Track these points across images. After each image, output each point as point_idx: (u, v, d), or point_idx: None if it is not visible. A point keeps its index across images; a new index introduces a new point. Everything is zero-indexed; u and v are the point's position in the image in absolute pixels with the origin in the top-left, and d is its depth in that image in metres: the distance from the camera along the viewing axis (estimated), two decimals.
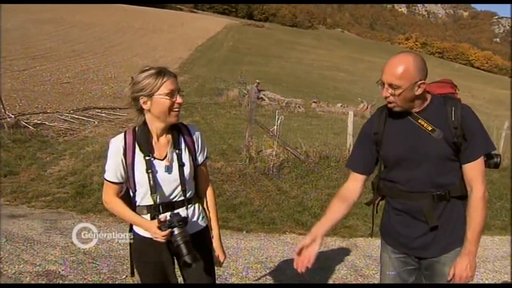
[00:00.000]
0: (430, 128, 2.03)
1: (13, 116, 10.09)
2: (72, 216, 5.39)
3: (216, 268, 2.37)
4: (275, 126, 7.89)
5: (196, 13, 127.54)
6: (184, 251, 1.95)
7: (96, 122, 11.54)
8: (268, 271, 4.16)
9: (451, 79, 2.33)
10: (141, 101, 2.02)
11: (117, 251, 4.16)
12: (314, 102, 20.71)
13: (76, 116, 11.91)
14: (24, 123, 9.81)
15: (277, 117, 7.96)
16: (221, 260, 2.35)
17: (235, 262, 4.24)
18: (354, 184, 2.29)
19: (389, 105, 2.06)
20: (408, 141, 2.08)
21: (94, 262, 3.98)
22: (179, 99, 2.02)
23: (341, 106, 20.36)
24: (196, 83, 23.78)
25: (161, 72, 2.01)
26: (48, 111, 12.19)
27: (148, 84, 1.99)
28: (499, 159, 2.14)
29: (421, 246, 2.16)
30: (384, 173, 2.23)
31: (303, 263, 2.07)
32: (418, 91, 1.99)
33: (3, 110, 10.14)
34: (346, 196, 2.29)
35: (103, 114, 12.75)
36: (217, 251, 2.33)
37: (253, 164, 7.46)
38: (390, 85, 1.99)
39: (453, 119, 2.01)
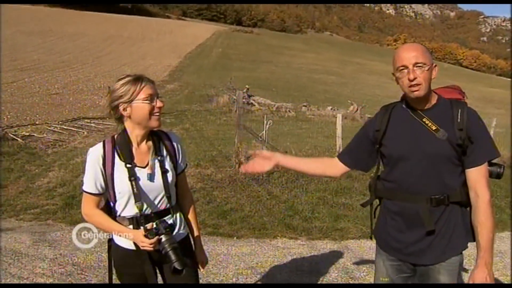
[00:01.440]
0: (434, 128, 1.99)
1: (0, 128, 10.01)
2: (61, 227, 5.34)
3: (201, 273, 2.38)
4: (264, 131, 7.89)
5: (184, 20, 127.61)
6: (173, 257, 1.94)
7: (85, 133, 11.48)
8: (258, 276, 4.14)
9: (459, 86, 2.32)
10: (121, 108, 2.01)
11: (107, 262, 4.12)
12: (304, 106, 20.73)
13: (65, 127, 11.83)
14: (12, 136, 9.74)
15: (265, 122, 7.97)
16: (204, 263, 2.38)
17: (225, 269, 4.22)
18: (337, 166, 2.32)
19: (414, 89, 1.98)
20: (410, 139, 2.05)
21: (83, 273, 3.94)
22: (159, 103, 2.02)
23: (331, 109, 20.40)
24: (186, 90, 23.76)
25: (139, 78, 2.01)
26: (37, 122, 12.11)
27: (127, 91, 1.99)
28: (502, 169, 2.08)
29: (415, 252, 2.10)
30: (384, 173, 2.20)
31: (250, 167, 2.24)
32: (434, 74, 2.01)
33: None
34: (327, 164, 2.37)
35: (92, 124, 12.68)
36: (200, 256, 2.34)
37: None
38: (416, 65, 1.95)
39: (459, 120, 1.97)
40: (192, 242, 2.34)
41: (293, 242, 5.21)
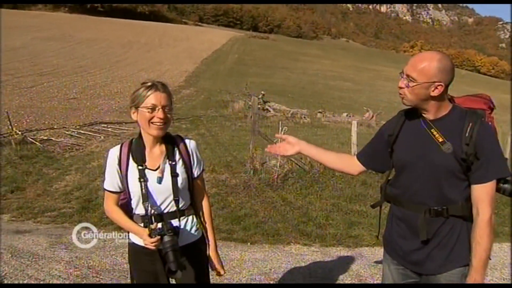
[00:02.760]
0: (440, 140, 1.96)
1: (20, 132, 10.19)
2: None
3: (212, 278, 2.40)
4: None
5: (201, 26, 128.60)
6: (171, 258, 1.98)
7: (102, 137, 11.62)
8: (271, 282, 4.14)
9: (489, 96, 2.23)
10: (131, 111, 2.11)
11: (121, 265, 4.17)
12: (319, 112, 20.64)
13: (83, 131, 12.00)
14: (30, 139, 9.92)
15: (280, 128, 7.98)
16: (219, 269, 2.38)
17: (238, 274, 4.23)
18: (355, 164, 2.37)
19: (400, 96, 2.03)
20: (416, 148, 2.04)
21: (98, 276, 3.99)
22: (159, 114, 2.04)
23: (346, 115, 20.29)
24: (202, 96, 23.87)
25: (152, 86, 2.07)
26: (55, 127, 12.30)
27: (136, 96, 2.08)
28: None
29: (416, 261, 2.12)
30: (392, 178, 2.22)
31: (275, 149, 2.39)
32: (434, 92, 1.93)
33: (10, 127, 10.25)
34: (347, 161, 2.41)
35: (109, 129, 12.83)
36: (214, 261, 2.35)
37: (258, 176, 7.46)
38: (408, 76, 1.96)
39: (467, 135, 1.92)
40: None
41: (306, 248, 5.19)
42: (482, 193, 1.93)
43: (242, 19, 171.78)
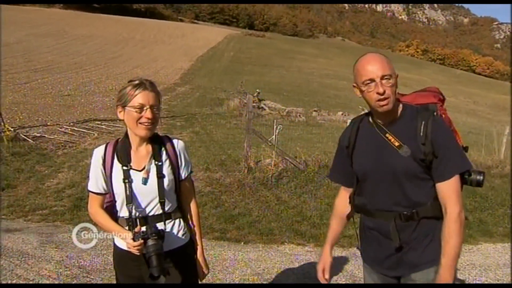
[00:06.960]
0: (397, 144, 1.94)
1: (12, 129, 10.08)
2: (68, 229, 5.32)
3: (200, 281, 2.37)
4: (274, 136, 7.84)
5: (197, 24, 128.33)
6: (154, 263, 1.93)
7: (96, 134, 11.51)
8: (265, 283, 4.10)
9: (437, 88, 2.22)
10: (117, 110, 2.05)
11: (112, 265, 4.11)
12: (314, 110, 20.62)
13: (76, 129, 11.88)
14: (23, 136, 9.80)
15: (275, 126, 7.93)
16: (205, 273, 2.35)
17: (231, 274, 4.19)
18: (345, 196, 2.29)
19: (383, 103, 1.90)
20: (374, 156, 2.02)
21: (88, 276, 3.93)
22: (147, 114, 1.99)
23: (342, 114, 20.26)
24: (197, 94, 23.81)
25: (139, 85, 2.01)
26: (48, 123, 12.18)
27: (123, 95, 2.02)
28: (482, 176, 1.99)
29: (391, 266, 2.10)
30: (357, 187, 2.18)
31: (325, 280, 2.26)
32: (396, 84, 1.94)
33: (2, 123, 10.14)
34: (340, 212, 2.32)
35: (103, 126, 12.72)
36: (200, 266, 2.32)
37: (252, 174, 7.41)
38: (384, 77, 1.89)
39: (421, 134, 1.90)
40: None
41: (300, 248, 5.16)
42: (447, 190, 1.91)
43: (238, 17, 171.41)
